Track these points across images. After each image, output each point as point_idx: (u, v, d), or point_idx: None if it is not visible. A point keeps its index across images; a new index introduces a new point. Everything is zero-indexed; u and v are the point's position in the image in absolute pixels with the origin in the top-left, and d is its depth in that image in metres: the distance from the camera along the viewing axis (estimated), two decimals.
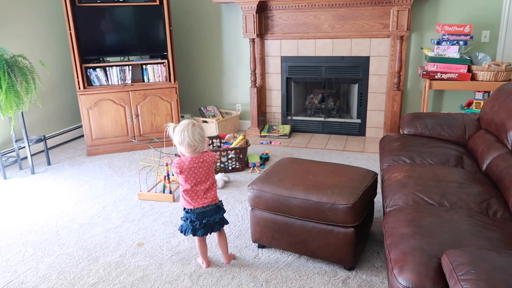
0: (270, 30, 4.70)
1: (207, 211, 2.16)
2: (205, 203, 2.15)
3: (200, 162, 2.13)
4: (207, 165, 2.16)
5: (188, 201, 2.14)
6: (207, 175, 2.16)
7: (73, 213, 3.01)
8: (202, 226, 2.16)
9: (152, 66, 4.44)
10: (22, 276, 2.26)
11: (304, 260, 2.33)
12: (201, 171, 2.13)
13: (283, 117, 5.01)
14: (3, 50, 3.44)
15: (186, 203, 2.16)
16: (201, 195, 2.14)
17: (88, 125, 4.27)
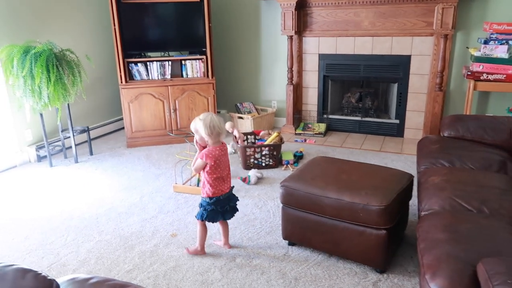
0: (309, 27, 4.66)
1: (229, 196, 2.35)
2: (228, 188, 2.34)
3: (223, 150, 2.29)
4: (227, 152, 2.33)
5: (217, 188, 2.28)
6: (228, 161, 2.34)
7: (112, 202, 3.14)
8: (224, 211, 2.33)
9: (191, 61, 4.53)
10: (64, 259, 2.40)
11: (334, 260, 2.31)
12: (225, 158, 2.30)
13: (319, 115, 4.97)
14: (52, 44, 3.63)
15: (215, 191, 2.28)
16: (227, 181, 2.33)
17: (128, 118, 4.43)
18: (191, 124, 2.28)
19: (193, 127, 2.26)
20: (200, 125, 2.20)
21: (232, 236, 2.59)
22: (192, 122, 2.27)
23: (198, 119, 2.23)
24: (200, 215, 2.33)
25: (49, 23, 4.18)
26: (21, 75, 3.47)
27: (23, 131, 4.04)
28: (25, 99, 3.57)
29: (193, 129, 2.26)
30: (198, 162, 2.26)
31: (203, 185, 2.31)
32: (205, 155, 2.22)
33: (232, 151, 4.21)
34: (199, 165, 2.26)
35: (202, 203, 2.34)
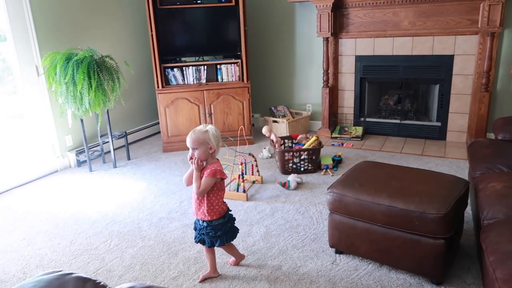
0: (345, 29, 4.56)
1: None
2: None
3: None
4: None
5: (225, 204, 2.15)
6: None
7: (152, 207, 3.14)
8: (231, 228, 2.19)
9: (226, 65, 4.52)
10: (109, 264, 2.40)
11: (385, 270, 2.21)
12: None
13: (356, 119, 4.84)
14: (93, 51, 3.69)
15: (224, 207, 2.14)
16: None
17: (164, 123, 4.46)
18: (193, 137, 2.00)
19: (198, 139, 1.99)
20: (208, 136, 2.01)
21: (276, 243, 2.53)
22: (194, 135, 2.00)
23: (203, 131, 2.01)
24: (219, 242, 2.11)
25: (89, 31, 4.26)
26: (63, 82, 3.54)
27: (64, 136, 4.13)
28: (67, 105, 3.64)
29: (196, 142, 1.99)
30: (208, 181, 2.00)
31: (208, 209, 2.06)
32: (217, 171, 2.02)
33: (268, 155, 4.15)
34: (208, 185, 2.01)
35: (214, 228, 2.09)
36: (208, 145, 2.02)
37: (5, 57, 3.61)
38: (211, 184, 2.03)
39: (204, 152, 2.02)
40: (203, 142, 2.01)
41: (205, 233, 2.11)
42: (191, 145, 2.02)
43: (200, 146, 2.00)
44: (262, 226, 2.76)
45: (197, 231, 2.16)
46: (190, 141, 2.02)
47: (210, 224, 2.09)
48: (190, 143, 2.02)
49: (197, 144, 2.00)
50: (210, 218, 2.08)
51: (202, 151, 2.01)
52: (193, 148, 2.01)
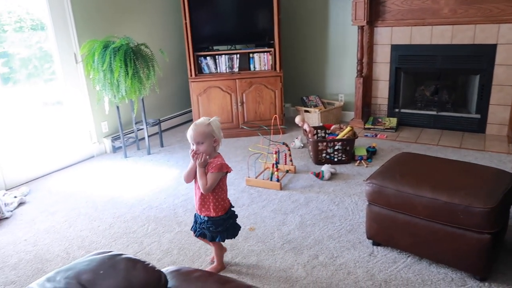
0: (381, 17, 4.44)
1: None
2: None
3: None
4: None
5: (228, 201, 2.10)
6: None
7: (186, 194, 3.18)
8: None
9: (258, 54, 4.49)
10: (147, 248, 2.45)
11: (425, 264, 2.16)
12: None
13: (390, 109, 4.73)
14: (129, 39, 3.74)
15: (228, 203, 2.09)
16: None
17: (197, 111, 4.49)
18: (197, 131, 1.89)
19: (203, 132, 1.89)
20: (212, 128, 1.91)
21: (311, 233, 2.52)
22: (198, 128, 1.90)
23: (206, 124, 1.91)
24: (219, 237, 2.06)
25: (125, 19, 4.32)
26: (101, 69, 3.61)
27: (100, 123, 4.22)
28: (104, 92, 3.72)
29: (201, 136, 1.89)
30: (215, 177, 1.91)
31: (214, 205, 1.99)
32: (223, 165, 1.94)
33: (300, 145, 4.12)
34: (215, 180, 1.93)
35: (214, 224, 2.02)
36: (212, 138, 1.92)
37: (44, 45, 3.72)
38: (218, 179, 1.94)
39: (209, 146, 1.92)
40: (208, 136, 1.90)
41: (205, 227, 2.05)
42: (195, 139, 1.90)
43: (205, 139, 1.90)
44: (296, 215, 2.75)
45: (198, 224, 2.10)
46: (194, 135, 1.90)
47: (211, 219, 2.02)
48: (194, 137, 1.90)
49: (202, 137, 1.89)
50: (215, 214, 2.01)
51: (207, 145, 1.91)
52: (197, 142, 1.90)
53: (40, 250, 2.49)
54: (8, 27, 3.46)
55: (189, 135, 1.92)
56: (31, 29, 3.61)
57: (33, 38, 3.65)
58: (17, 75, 3.57)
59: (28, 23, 3.58)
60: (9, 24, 3.46)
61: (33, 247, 2.52)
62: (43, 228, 2.74)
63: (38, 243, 2.56)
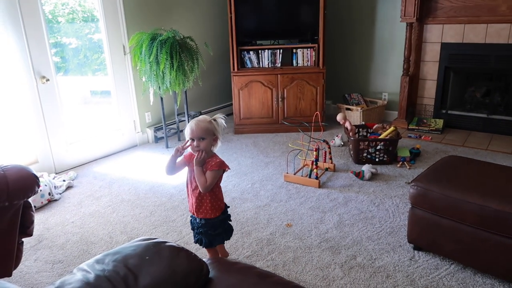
0: (432, 14, 4.26)
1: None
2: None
3: None
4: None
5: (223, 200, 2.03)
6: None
7: (225, 186, 3.22)
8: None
9: (302, 50, 4.45)
10: (186, 237, 2.51)
11: (470, 273, 2.07)
12: None
13: (436, 110, 4.55)
14: (176, 32, 3.82)
15: (223, 203, 2.02)
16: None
17: (237, 105, 4.52)
18: (200, 126, 1.81)
19: (206, 128, 1.82)
20: (216, 126, 1.86)
21: (350, 233, 2.48)
22: (201, 124, 1.82)
23: (209, 120, 1.85)
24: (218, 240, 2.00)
25: (172, 12, 4.41)
26: (148, 61, 3.70)
27: (144, 113, 4.35)
28: (150, 83, 3.82)
29: (204, 131, 1.82)
30: (215, 175, 1.85)
31: (211, 205, 1.92)
32: (222, 163, 1.88)
33: (340, 143, 4.06)
34: (216, 178, 1.86)
35: (213, 226, 1.95)
36: (213, 136, 1.86)
37: (95, 37, 3.86)
38: (218, 176, 1.88)
39: (210, 143, 1.85)
40: (209, 132, 1.84)
41: (203, 231, 1.96)
42: (197, 134, 1.81)
43: (207, 136, 1.83)
44: (335, 214, 2.71)
45: (195, 230, 2.02)
46: (196, 130, 1.81)
47: (209, 221, 1.94)
48: (196, 132, 1.81)
49: (204, 133, 1.82)
50: (213, 215, 1.93)
51: (208, 142, 1.84)
52: (198, 138, 1.82)
53: (86, 232, 2.61)
54: (62, 19, 3.63)
55: (190, 129, 1.84)
56: (82, 21, 3.76)
57: (84, 30, 3.80)
58: (68, 64, 3.75)
59: (80, 15, 3.73)
60: (63, 15, 3.63)
61: (79, 229, 2.65)
62: (89, 212, 2.87)
63: (84, 226, 2.69)
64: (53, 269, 2.24)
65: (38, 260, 2.33)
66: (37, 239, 2.54)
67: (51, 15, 3.52)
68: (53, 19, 3.55)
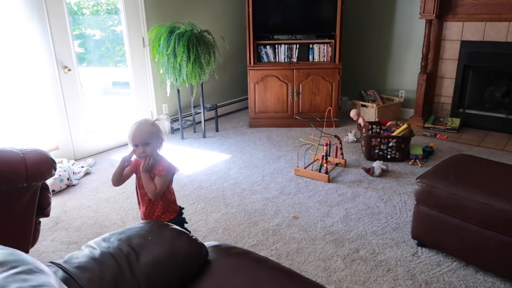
0: (452, 11, 4.20)
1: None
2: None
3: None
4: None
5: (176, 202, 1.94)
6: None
7: (236, 178, 3.29)
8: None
9: (318, 45, 4.46)
10: (195, 225, 2.59)
11: (472, 270, 2.08)
12: None
13: (453, 109, 4.49)
14: (193, 25, 3.89)
15: (177, 205, 1.94)
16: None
17: (253, 99, 4.58)
18: (144, 130, 1.71)
19: (151, 132, 1.72)
20: (159, 128, 1.76)
21: (355, 227, 2.51)
22: (144, 128, 1.72)
23: (151, 124, 1.74)
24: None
25: (191, 6, 4.49)
26: (165, 53, 3.79)
27: (162, 104, 4.46)
28: (167, 75, 3.91)
29: (149, 136, 1.71)
30: (165, 179, 1.76)
31: (164, 209, 1.85)
32: (170, 166, 1.80)
33: (353, 139, 4.06)
34: (166, 182, 1.78)
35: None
36: (158, 140, 1.75)
37: (117, 29, 3.98)
38: (168, 181, 1.80)
39: (155, 148, 1.75)
40: (154, 136, 1.73)
41: None
42: (142, 139, 1.70)
43: (152, 140, 1.72)
44: (342, 208, 2.75)
45: None
46: (139, 135, 1.70)
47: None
48: (140, 137, 1.70)
49: (149, 137, 1.71)
50: (167, 219, 1.85)
51: (153, 146, 1.73)
52: (143, 143, 1.70)
53: (100, 216, 2.73)
54: (86, 10, 3.75)
55: (132, 135, 1.72)
56: (106, 13, 3.88)
57: (107, 22, 3.92)
58: (91, 55, 3.88)
59: (103, 7, 3.85)
60: (87, 7, 3.75)
61: (94, 213, 2.77)
62: (104, 198, 2.99)
63: (99, 210, 2.81)
64: (68, 249, 2.36)
65: (54, 240, 2.45)
66: (54, 221, 2.67)
67: (76, 7, 3.65)
68: (78, 11, 3.67)
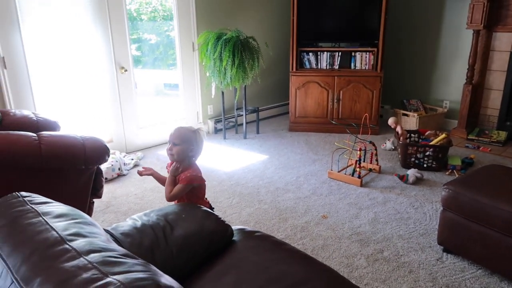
0: (502, 21, 4.11)
1: None
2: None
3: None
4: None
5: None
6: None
7: (271, 177, 3.45)
8: None
9: (360, 53, 4.53)
10: (229, 217, 2.78)
11: (496, 279, 2.09)
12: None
13: (500, 122, 4.37)
14: (240, 32, 4.12)
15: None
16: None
17: (294, 104, 4.72)
18: (179, 131, 1.88)
19: (183, 135, 1.87)
20: (195, 137, 1.89)
21: (382, 230, 2.58)
22: (180, 130, 1.89)
23: (191, 130, 1.89)
24: None
25: (238, 13, 4.74)
26: (212, 57, 4.05)
27: (207, 106, 4.73)
28: (213, 78, 4.17)
29: (179, 138, 1.87)
30: (181, 188, 1.88)
31: None
32: (193, 178, 1.89)
33: (391, 147, 4.09)
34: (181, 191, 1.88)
35: None
36: (190, 146, 1.88)
37: (171, 34, 4.30)
38: (184, 191, 1.89)
39: (183, 151, 1.88)
40: (186, 141, 1.87)
41: None
42: (173, 138, 1.88)
43: (182, 143, 1.87)
44: (371, 212, 2.82)
45: None
46: (173, 134, 1.89)
47: None
48: (173, 136, 1.88)
49: (179, 139, 1.87)
50: None
51: (181, 150, 1.87)
52: (173, 143, 1.88)
53: (145, 203, 3.00)
54: (145, 16, 4.10)
55: (172, 132, 1.91)
56: (162, 19, 4.21)
57: (163, 27, 4.25)
58: (147, 58, 4.22)
59: (160, 13, 4.19)
60: (146, 13, 4.10)
61: (140, 200, 3.05)
62: (150, 188, 3.27)
63: (144, 198, 3.08)
64: None
65: (104, 222, 2.74)
66: (105, 205, 2.97)
67: (135, 13, 4.00)
68: (137, 17, 4.03)
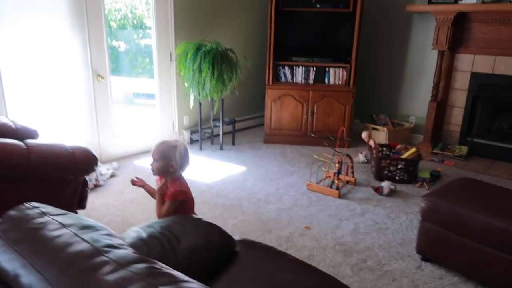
0: (464, 44, 4.43)
1: None
2: None
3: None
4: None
5: None
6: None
7: (252, 188, 3.49)
8: None
9: (334, 69, 4.70)
10: None
11: (472, 285, 2.23)
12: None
13: (462, 137, 4.67)
14: (219, 44, 4.16)
15: None
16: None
17: (269, 116, 4.81)
18: (158, 147, 1.90)
19: (162, 151, 1.88)
20: (174, 152, 1.89)
21: (363, 240, 2.68)
22: (160, 145, 1.91)
23: (171, 146, 1.90)
24: None
25: (216, 25, 4.78)
26: (191, 68, 4.06)
27: (183, 116, 4.71)
28: (191, 89, 4.17)
29: (158, 154, 1.89)
30: (169, 205, 1.91)
31: None
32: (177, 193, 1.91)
33: (364, 160, 4.25)
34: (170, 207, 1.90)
35: None
36: (169, 162, 1.89)
37: (142, 42, 4.27)
38: (173, 207, 1.92)
39: (162, 167, 1.90)
40: (164, 157, 1.89)
41: None
42: (153, 154, 1.90)
43: (160, 159, 1.89)
44: (351, 223, 2.92)
45: None
46: (153, 150, 1.91)
47: None
48: (153, 152, 1.90)
49: (158, 156, 1.89)
50: None
51: (160, 165, 1.89)
52: (154, 158, 1.90)
53: (126, 215, 2.93)
54: (114, 23, 4.06)
55: (152, 149, 1.93)
56: (136, 27, 4.18)
57: (132, 35, 4.22)
58: (117, 66, 4.16)
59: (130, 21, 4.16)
60: (115, 20, 4.06)
61: (121, 212, 2.98)
62: (129, 199, 3.20)
63: (125, 210, 3.02)
64: None
65: None
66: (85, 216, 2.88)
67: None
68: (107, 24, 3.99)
